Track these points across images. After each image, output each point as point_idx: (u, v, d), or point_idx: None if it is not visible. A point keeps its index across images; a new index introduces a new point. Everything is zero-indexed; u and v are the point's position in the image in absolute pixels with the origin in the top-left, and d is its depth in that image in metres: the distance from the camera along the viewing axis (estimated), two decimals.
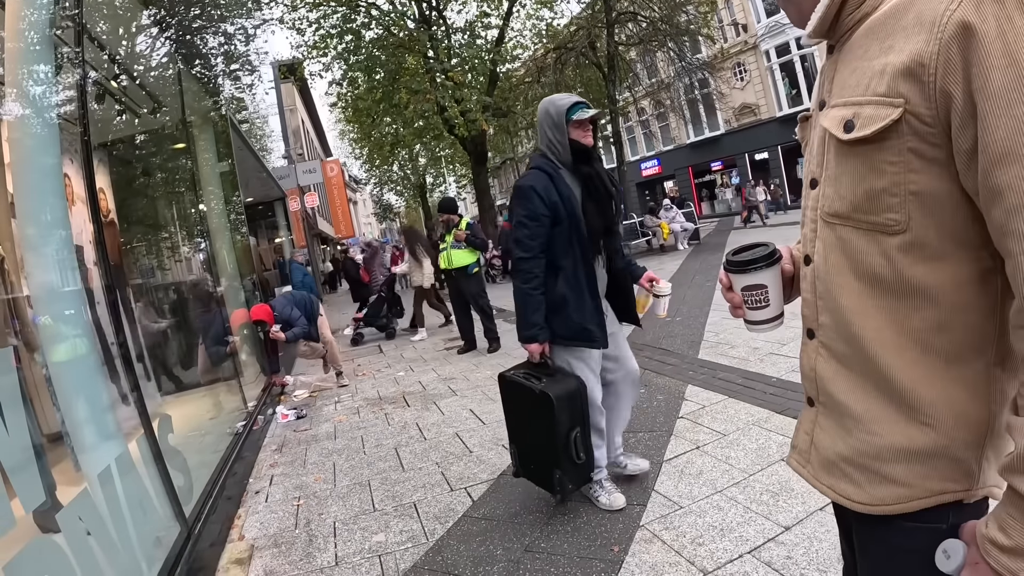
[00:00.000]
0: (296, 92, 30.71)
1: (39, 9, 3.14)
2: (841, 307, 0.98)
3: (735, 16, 30.68)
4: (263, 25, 16.99)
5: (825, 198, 1.00)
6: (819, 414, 1.08)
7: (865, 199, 0.91)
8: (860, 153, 0.91)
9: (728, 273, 1.19)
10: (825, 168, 1.00)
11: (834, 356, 1.02)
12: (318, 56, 18.37)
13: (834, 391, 1.03)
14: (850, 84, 0.93)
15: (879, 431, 0.96)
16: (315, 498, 4.05)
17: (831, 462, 1.05)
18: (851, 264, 0.96)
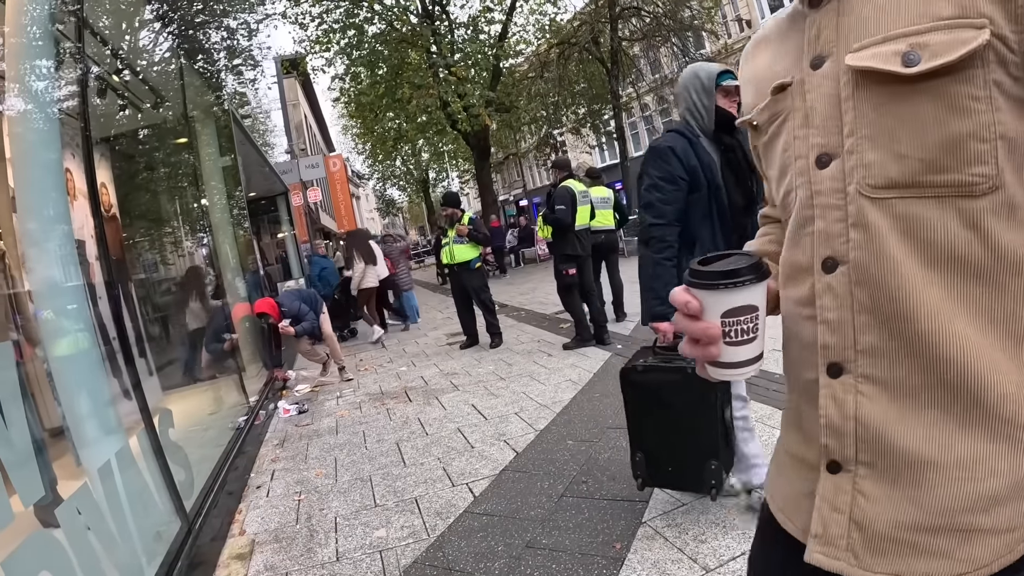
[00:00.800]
0: (299, 87, 30.68)
1: (40, 3, 3.13)
2: (909, 313, 0.73)
3: (739, 11, 30.58)
4: (266, 20, 16.95)
5: (867, 167, 0.75)
6: (858, 479, 0.79)
7: (943, 151, 0.70)
8: (932, 90, 0.70)
9: (702, 291, 0.77)
10: (859, 130, 0.75)
11: (890, 391, 0.76)
12: (321, 51, 18.40)
13: (896, 439, 0.76)
14: (883, 21, 0.73)
15: (976, 474, 0.73)
16: (316, 493, 4.05)
17: (893, 539, 0.78)
18: (921, 249, 0.73)
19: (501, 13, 18.86)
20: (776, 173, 0.91)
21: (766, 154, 0.94)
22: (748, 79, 0.99)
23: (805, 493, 0.86)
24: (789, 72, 0.86)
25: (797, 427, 0.90)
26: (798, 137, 0.84)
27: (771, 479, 1.00)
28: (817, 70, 0.81)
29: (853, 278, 0.77)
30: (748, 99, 0.98)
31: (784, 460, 0.94)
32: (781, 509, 0.94)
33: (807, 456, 0.86)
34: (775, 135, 0.89)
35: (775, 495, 0.97)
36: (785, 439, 0.95)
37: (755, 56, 0.98)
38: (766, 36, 0.97)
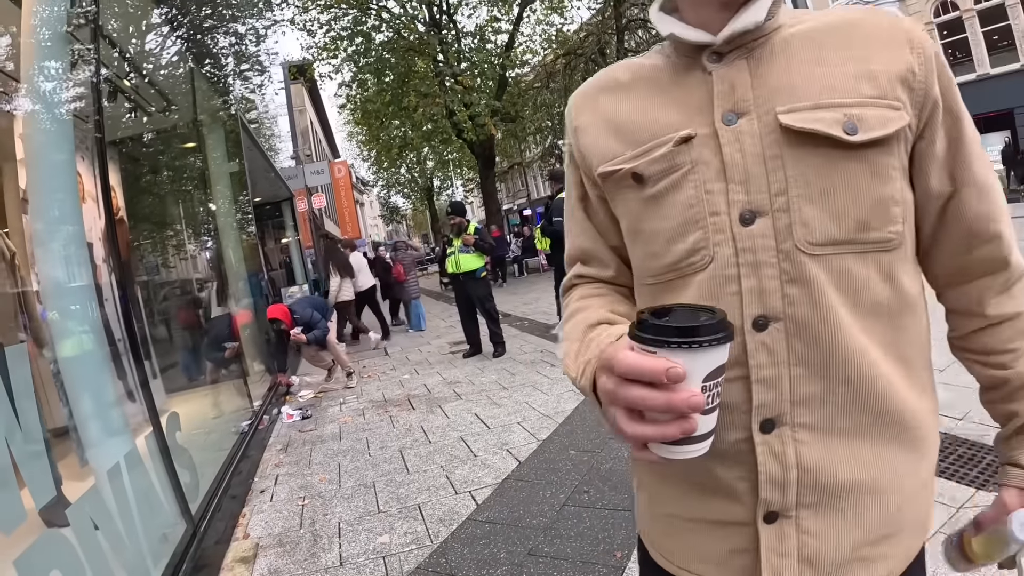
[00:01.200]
0: (305, 93, 30.80)
1: (54, 5, 3.17)
2: (843, 358, 0.80)
3: None
4: (274, 26, 17.06)
5: (806, 225, 0.79)
6: (802, 521, 0.82)
7: (872, 212, 0.79)
8: (865, 158, 0.79)
9: (686, 352, 0.61)
10: (792, 189, 0.79)
11: (827, 432, 0.81)
12: (328, 58, 18.47)
13: (838, 475, 0.81)
14: (808, 87, 0.80)
15: (902, 483, 0.85)
16: (320, 498, 4.07)
17: (843, 563, 0.83)
18: (852, 299, 0.80)
19: (508, 23, 18.95)
20: (670, 228, 0.86)
21: (648, 209, 0.89)
22: (606, 125, 0.94)
23: (735, 550, 0.87)
24: (688, 124, 0.85)
25: (707, 491, 0.88)
26: (711, 192, 0.83)
27: (662, 538, 0.98)
28: (731, 125, 0.82)
29: (790, 332, 0.80)
30: (610, 146, 0.92)
31: (684, 525, 0.92)
32: (689, 569, 0.93)
33: (729, 517, 0.86)
34: (671, 188, 0.85)
35: (678, 553, 0.95)
36: (682, 505, 0.92)
37: (605, 102, 0.95)
38: (619, 83, 0.95)
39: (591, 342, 0.84)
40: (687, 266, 0.85)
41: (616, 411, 0.68)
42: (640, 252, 0.92)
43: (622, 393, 0.65)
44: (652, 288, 0.92)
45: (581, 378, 0.80)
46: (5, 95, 2.80)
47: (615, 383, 0.67)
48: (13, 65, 2.86)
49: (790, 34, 0.84)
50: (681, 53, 0.89)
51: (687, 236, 0.84)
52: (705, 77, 0.85)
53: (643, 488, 1.00)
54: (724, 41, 0.82)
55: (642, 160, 0.87)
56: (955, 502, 2.84)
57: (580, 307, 0.96)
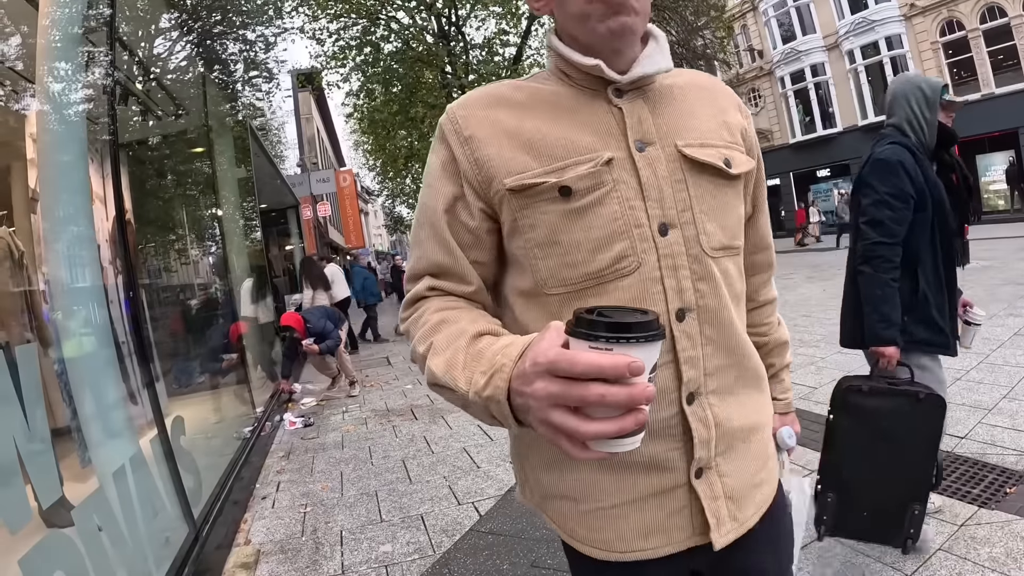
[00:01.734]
0: (313, 101, 30.92)
1: (69, 7, 3.20)
2: (735, 335, 1.04)
3: (751, 42, 30.84)
4: (283, 34, 17.17)
5: (708, 235, 1.00)
6: (719, 467, 1.02)
7: (737, 226, 1.08)
8: (734, 186, 1.07)
9: (639, 345, 0.65)
10: (695, 206, 0.99)
11: (728, 391, 1.04)
12: (336, 67, 18.50)
13: (735, 423, 1.04)
14: (694, 129, 1.03)
15: (766, 419, 1.15)
16: (322, 506, 4.06)
17: (747, 490, 1.06)
18: (730, 290, 1.04)
19: (516, 36, 18.99)
20: (594, 239, 0.96)
21: (570, 221, 0.97)
22: (511, 140, 1.00)
23: (672, 512, 1.01)
24: (604, 147, 0.98)
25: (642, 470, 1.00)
26: (634, 208, 0.97)
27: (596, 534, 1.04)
28: (642, 152, 0.99)
29: (702, 320, 0.99)
30: (521, 159, 0.98)
31: (618, 511, 1.02)
32: (633, 548, 1.02)
33: (665, 485, 1.01)
34: (596, 202, 0.96)
35: (618, 540, 1.02)
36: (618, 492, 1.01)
37: (504, 117, 1.01)
38: (515, 101, 1.04)
39: (481, 352, 0.85)
40: (612, 272, 0.96)
41: (559, 413, 0.68)
42: (554, 263, 0.98)
43: (576, 392, 0.66)
44: (559, 298, 0.99)
45: (485, 388, 0.80)
46: (17, 95, 2.81)
47: (562, 384, 0.67)
48: (24, 65, 2.87)
49: (668, 84, 1.07)
50: (583, 84, 1.03)
51: (612, 246, 0.96)
52: (611, 108, 1.01)
53: (564, 497, 1.06)
54: (628, 81, 1.00)
55: (567, 175, 0.96)
56: (958, 519, 2.83)
57: (445, 318, 0.97)
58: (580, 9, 0.96)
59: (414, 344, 0.99)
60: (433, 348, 0.93)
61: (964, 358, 5.19)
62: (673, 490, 1.01)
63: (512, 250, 1.04)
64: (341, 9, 17.07)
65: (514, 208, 0.99)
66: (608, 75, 0.99)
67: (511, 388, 0.77)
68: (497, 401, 0.79)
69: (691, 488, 1.01)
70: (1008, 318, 6.58)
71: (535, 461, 1.10)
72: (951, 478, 3.21)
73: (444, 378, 0.88)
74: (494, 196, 1.00)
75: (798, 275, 13.79)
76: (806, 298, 10.17)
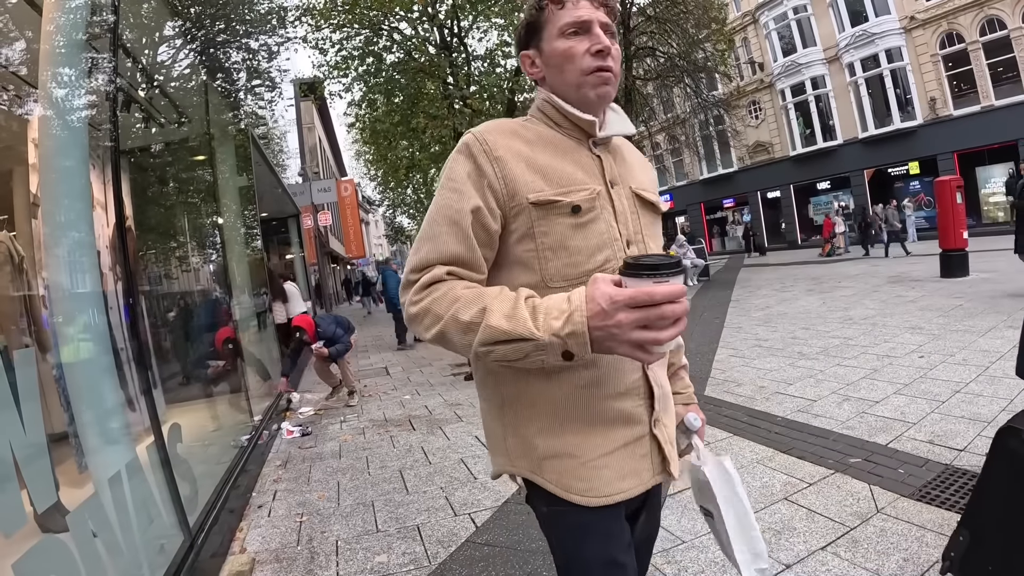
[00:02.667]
0: (315, 110, 31.04)
1: (72, 13, 3.21)
2: None
3: (752, 55, 30.96)
4: (287, 43, 17.24)
5: (650, 250, 1.40)
6: (660, 419, 1.38)
7: (659, 248, 1.45)
8: (659, 221, 1.48)
9: (675, 276, 1.02)
10: (643, 229, 1.40)
11: (659, 365, 1.42)
12: (339, 76, 18.56)
13: (667, 386, 1.46)
14: (638, 178, 1.45)
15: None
16: (318, 515, 4.05)
17: (674, 437, 1.45)
18: None
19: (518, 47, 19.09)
20: (591, 246, 1.28)
21: (576, 232, 1.28)
22: (527, 164, 1.29)
23: (641, 456, 1.34)
24: (591, 182, 1.32)
25: (619, 424, 1.32)
26: (612, 227, 1.32)
27: (581, 483, 1.29)
28: (614, 188, 1.36)
29: None
30: (536, 181, 1.28)
31: (602, 461, 1.30)
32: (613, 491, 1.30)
33: (635, 435, 1.34)
34: (592, 220, 1.29)
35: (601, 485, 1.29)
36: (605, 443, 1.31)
37: (519, 147, 1.30)
38: (525, 137, 1.34)
39: (541, 306, 1.12)
40: (601, 271, 1.23)
41: (640, 332, 1.01)
42: (561, 262, 1.27)
43: (655, 313, 1.00)
44: (560, 289, 1.23)
45: (564, 327, 1.06)
46: (20, 99, 2.82)
47: (642, 311, 1.00)
48: (27, 70, 2.87)
49: (617, 144, 1.46)
50: (572, 133, 1.37)
51: (602, 251, 1.30)
52: (592, 155, 1.37)
53: (563, 456, 1.30)
54: (603, 137, 1.38)
55: (572, 198, 1.28)
56: None
57: (481, 292, 1.18)
58: (577, 79, 1.31)
59: (452, 315, 1.16)
60: (489, 310, 1.12)
61: (963, 370, 5.19)
62: (641, 439, 1.34)
63: (519, 253, 1.29)
64: (344, 19, 17.15)
65: (533, 218, 1.26)
66: (594, 130, 1.35)
67: (591, 326, 1.04)
68: (579, 334, 1.05)
69: (652, 436, 1.36)
70: (1007, 330, 6.57)
71: (532, 429, 1.33)
72: (949, 491, 3.20)
73: (515, 330, 1.09)
74: (514, 207, 1.26)
75: (798, 288, 13.79)
76: (805, 311, 10.17)
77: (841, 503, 3.26)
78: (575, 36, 1.31)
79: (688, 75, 21.28)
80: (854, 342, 7.15)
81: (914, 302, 9.40)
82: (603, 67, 1.30)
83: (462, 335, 1.15)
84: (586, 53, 1.30)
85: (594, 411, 1.29)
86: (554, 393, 1.29)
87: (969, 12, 22.87)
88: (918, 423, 4.20)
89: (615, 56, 1.32)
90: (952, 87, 24.17)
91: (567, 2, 1.32)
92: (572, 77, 1.32)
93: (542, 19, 1.35)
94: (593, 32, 1.31)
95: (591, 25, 1.31)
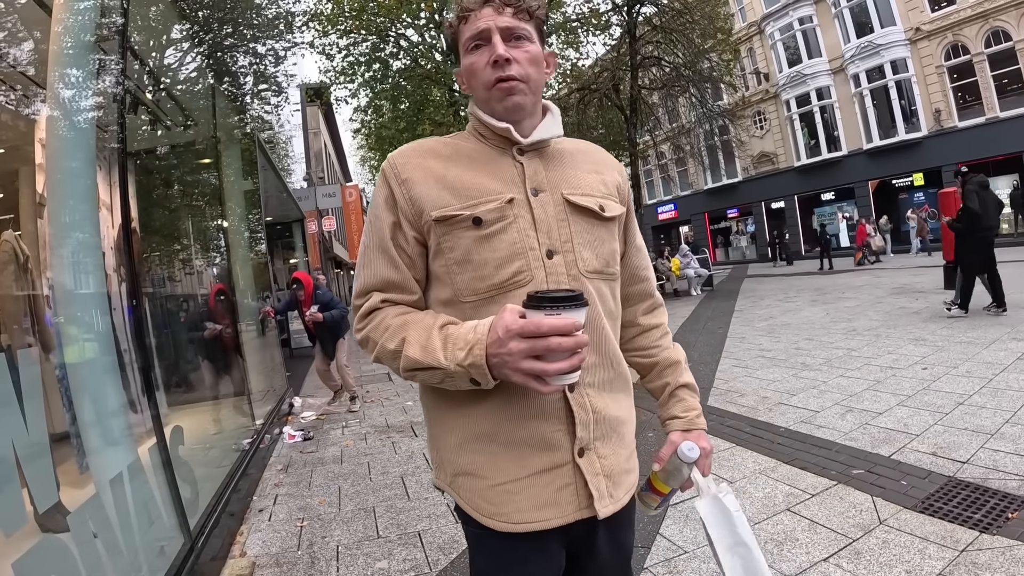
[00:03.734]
0: (321, 116, 31.11)
1: (81, 15, 3.22)
2: (607, 342, 1.33)
3: (757, 65, 31.02)
4: (294, 48, 17.29)
5: (584, 260, 1.30)
6: (598, 449, 1.28)
7: (610, 256, 1.37)
8: (607, 226, 1.37)
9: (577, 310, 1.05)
10: (575, 238, 1.30)
11: (601, 387, 1.31)
12: (345, 82, 18.63)
13: (609, 413, 1.31)
14: (576, 182, 1.35)
15: (632, 415, 1.41)
16: (319, 520, 4.04)
17: (620, 473, 1.32)
18: (604, 307, 1.33)
19: None
20: (498, 258, 1.24)
21: (480, 244, 1.25)
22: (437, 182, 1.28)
23: (561, 487, 1.25)
24: (508, 191, 1.28)
25: (536, 449, 1.24)
26: (528, 236, 1.26)
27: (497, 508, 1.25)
28: (536, 196, 1.30)
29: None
30: (443, 197, 1.26)
31: (517, 486, 1.24)
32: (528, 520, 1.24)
33: (555, 462, 1.25)
34: (500, 231, 1.25)
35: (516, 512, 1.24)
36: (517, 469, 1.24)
37: (432, 165, 1.30)
38: (441, 153, 1.34)
39: (452, 335, 1.16)
40: (511, 283, 1.24)
41: (529, 362, 1.04)
42: (468, 276, 1.26)
43: (542, 344, 1.02)
44: (473, 304, 1.26)
45: (467, 359, 1.11)
46: (28, 99, 2.83)
47: (529, 342, 1.03)
48: (35, 70, 2.88)
49: (560, 149, 1.40)
50: (495, 143, 1.35)
51: (512, 263, 1.25)
52: (515, 163, 1.33)
53: (472, 475, 1.28)
54: (528, 143, 1.32)
55: (479, 209, 1.25)
56: (959, 544, 2.81)
57: (408, 320, 1.25)
58: (484, 94, 1.30)
59: (382, 343, 1.24)
60: (407, 341, 1.20)
61: (967, 382, 5.18)
62: (561, 467, 1.25)
63: (435, 268, 1.30)
64: (351, 25, 17.22)
65: (438, 234, 1.26)
66: (514, 137, 1.31)
67: (488, 354, 1.09)
68: (479, 366, 1.10)
69: (576, 466, 1.25)
70: (1011, 342, 6.56)
71: (450, 442, 1.32)
72: (952, 503, 3.18)
73: (426, 360, 1.16)
74: (424, 225, 1.27)
75: (801, 298, 13.77)
76: (809, 321, 10.15)
77: (844, 514, 3.25)
78: (477, 50, 1.29)
79: (694, 85, 21.29)
80: (857, 353, 7.13)
81: (918, 313, 9.38)
82: (502, 77, 1.26)
83: (391, 361, 1.24)
84: (486, 65, 1.27)
85: (506, 432, 1.25)
86: (469, 410, 1.27)
87: (974, 24, 22.89)
88: (921, 435, 4.18)
89: (524, 59, 1.28)
90: (957, 98, 24.17)
91: (470, 15, 1.29)
92: (480, 92, 1.31)
93: (456, 36, 1.34)
94: (492, 41, 1.26)
95: (490, 34, 1.27)
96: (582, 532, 1.29)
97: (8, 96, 2.68)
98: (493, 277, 1.24)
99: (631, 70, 20.05)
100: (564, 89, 21.68)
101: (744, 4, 31.18)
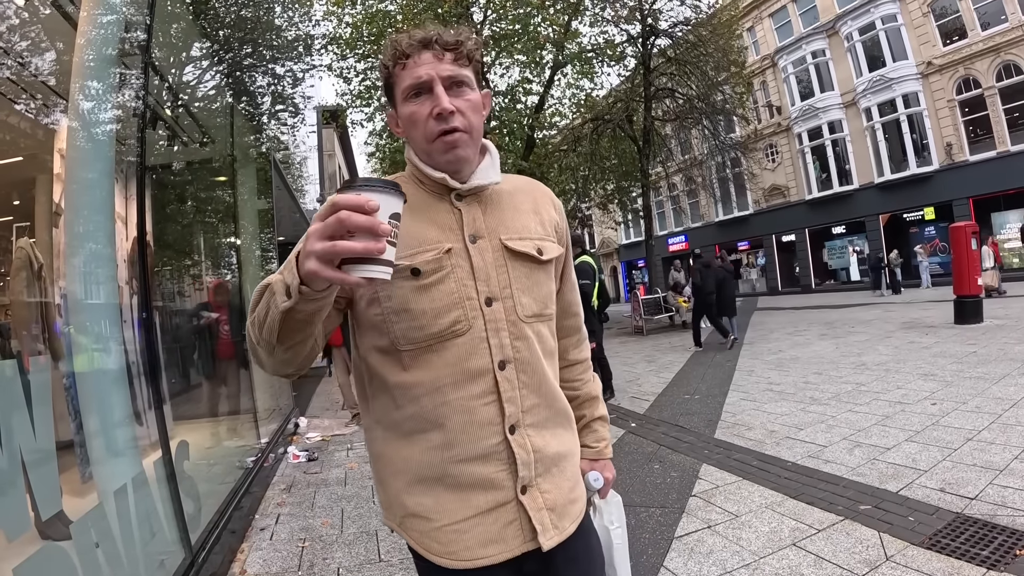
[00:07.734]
0: (336, 138, 31.36)
1: (105, 28, 3.28)
2: (546, 382, 1.35)
3: (770, 98, 31.20)
4: (312, 71, 17.48)
5: (523, 306, 1.32)
6: (540, 485, 1.31)
7: (547, 299, 1.39)
8: (545, 269, 1.38)
9: (377, 193, 0.95)
10: (513, 283, 1.32)
11: (541, 425, 1.34)
12: (361, 105, 18.78)
13: (550, 450, 1.34)
14: (515, 226, 1.36)
15: (575, 449, 1.46)
16: (321, 542, 4.02)
17: (564, 505, 1.34)
18: (542, 346, 1.36)
19: (539, 85, 19.22)
20: (436, 308, 1.25)
21: (418, 294, 1.25)
22: None
23: (506, 524, 1.28)
24: (445, 240, 1.29)
25: (479, 490, 1.27)
26: (466, 285, 1.28)
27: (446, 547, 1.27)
28: (474, 244, 1.30)
29: (518, 369, 1.30)
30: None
31: (463, 526, 1.26)
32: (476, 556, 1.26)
33: (498, 501, 1.27)
34: (438, 281, 1.26)
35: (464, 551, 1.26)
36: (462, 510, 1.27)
37: None
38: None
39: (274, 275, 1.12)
40: (449, 332, 1.26)
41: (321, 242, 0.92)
42: (405, 325, 1.26)
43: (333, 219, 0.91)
44: (411, 352, 1.27)
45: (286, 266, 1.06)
46: (48, 109, 2.87)
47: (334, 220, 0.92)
48: (56, 81, 2.92)
49: (499, 190, 1.39)
50: (433, 189, 1.34)
51: (450, 312, 1.26)
52: (452, 209, 1.33)
53: (420, 517, 1.29)
54: (467, 189, 1.32)
55: (417, 260, 1.25)
56: None
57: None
58: (425, 146, 1.29)
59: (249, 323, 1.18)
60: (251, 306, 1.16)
61: (976, 418, 5.13)
62: (505, 505, 1.28)
63: (370, 317, 1.28)
64: (369, 50, 17.39)
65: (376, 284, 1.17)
66: (452, 184, 1.31)
67: (297, 252, 1.01)
68: (289, 265, 1.04)
69: (519, 503, 1.28)
70: (1021, 377, 6.49)
71: (396, 485, 1.32)
72: (960, 540, 3.14)
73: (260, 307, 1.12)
74: None
75: (811, 332, 13.70)
76: (819, 355, 10.08)
77: (850, 550, 3.21)
78: (417, 98, 1.27)
79: (706, 117, 21.44)
80: (866, 388, 7.08)
81: (927, 348, 9.31)
82: (446, 130, 1.25)
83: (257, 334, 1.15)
84: (428, 117, 1.26)
85: (449, 475, 1.26)
86: (411, 454, 1.28)
87: (986, 58, 22.98)
88: (929, 471, 4.14)
89: (466, 109, 1.28)
90: (968, 132, 24.20)
91: (408, 60, 1.27)
92: (420, 144, 1.30)
93: (392, 79, 1.32)
94: (434, 92, 1.25)
95: (432, 84, 1.25)
96: (537, 565, 1.32)
97: (29, 105, 2.72)
98: (431, 327, 1.25)
99: (645, 101, 20.22)
100: (578, 119, 21.84)
101: (758, 37, 31.45)
